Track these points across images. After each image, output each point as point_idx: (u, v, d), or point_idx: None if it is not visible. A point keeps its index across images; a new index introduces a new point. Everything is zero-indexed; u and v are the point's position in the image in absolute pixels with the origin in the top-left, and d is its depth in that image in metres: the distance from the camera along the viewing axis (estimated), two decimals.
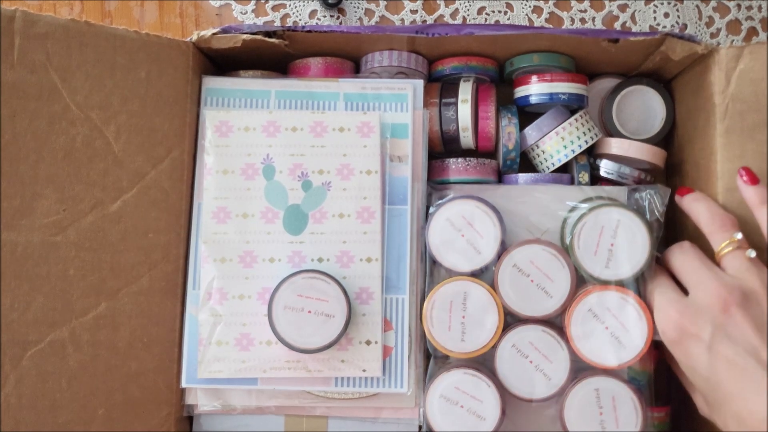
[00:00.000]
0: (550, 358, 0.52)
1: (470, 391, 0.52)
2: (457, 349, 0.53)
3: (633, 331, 0.51)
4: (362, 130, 0.56)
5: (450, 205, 0.54)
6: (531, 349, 0.53)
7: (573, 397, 0.52)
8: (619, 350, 0.51)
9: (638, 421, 0.51)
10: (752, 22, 0.68)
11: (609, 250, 0.52)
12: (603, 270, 0.52)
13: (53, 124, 0.49)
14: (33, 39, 0.49)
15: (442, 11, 0.68)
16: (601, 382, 0.52)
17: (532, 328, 0.53)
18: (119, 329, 0.51)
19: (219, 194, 0.55)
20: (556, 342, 0.52)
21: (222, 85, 0.57)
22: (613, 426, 0.51)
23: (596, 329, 0.52)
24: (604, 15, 0.68)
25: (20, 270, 0.48)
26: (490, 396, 0.52)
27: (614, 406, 0.51)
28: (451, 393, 0.52)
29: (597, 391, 0.52)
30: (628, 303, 0.51)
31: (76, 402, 0.49)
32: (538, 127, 0.60)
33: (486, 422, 0.52)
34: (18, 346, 0.48)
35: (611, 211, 0.53)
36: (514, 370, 0.53)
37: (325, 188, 0.55)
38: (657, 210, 0.55)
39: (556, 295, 0.52)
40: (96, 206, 0.51)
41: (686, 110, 0.59)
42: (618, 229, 0.52)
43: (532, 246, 0.53)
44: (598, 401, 0.52)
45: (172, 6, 0.67)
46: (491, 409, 0.52)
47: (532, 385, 0.52)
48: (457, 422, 0.52)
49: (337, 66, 0.59)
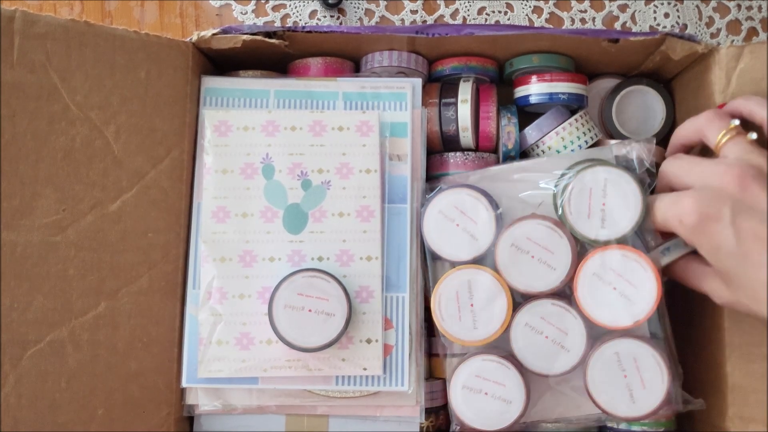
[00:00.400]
0: (565, 330, 0.52)
1: (492, 377, 0.52)
2: (471, 338, 0.52)
3: (641, 287, 0.50)
4: (361, 129, 0.56)
5: (440, 197, 0.54)
6: (544, 324, 0.52)
7: (594, 365, 0.51)
8: (631, 308, 0.50)
9: (664, 377, 0.50)
10: (752, 22, 0.68)
11: (601, 210, 0.51)
12: (600, 231, 0.51)
13: (53, 124, 0.49)
14: (33, 39, 0.49)
15: (442, 11, 0.68)
16: (620, 344, 0.51)
17: (542, 302, 0.52)
18: (119, 329, 0.51)
19: (218, 194, 0.55)
20: (567, 312, 0.52)
21: (221, 85, 0.57)
22: (639, 388, 0.50)
23: (604, 292, 0.50)
24: (604, 15, 0.68)
25: (20, 270, 0.48)
26: (513, 378, 0.51)
27: (637, 367, 0.50)
28: (472, 382, 0.52)
29: (617, 354, 0.50)
30: (630, 259, 0.50)
31: (76, 402, 0.49)
32: (538, 127, 0.60)
33: (513, 405, 0.51)
34: (17, 346, 0.48)
35: (596, 171, 0.51)
36: (530, 348, 0.52)
37: (325, 187, 0.55)
38: (645, 161, 0.54)
39: (558, 266, 0.51)
40: (96, 206, 0.51)
41: (686, 110, 0.59)
42: (606, 187, 0.51)
43: (527, 222, 0.52)
44: (620, 365, 0.50)
45: (172, 6, 0.67)
46: (516, 391, 0.51)
47: (552, 360, 0.51)
48: (484, 410, 0.51)
49: (336, 66, 0.59)
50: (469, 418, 0.52)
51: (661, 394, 0.50)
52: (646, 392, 0.50)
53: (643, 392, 0.50)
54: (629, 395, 0.50)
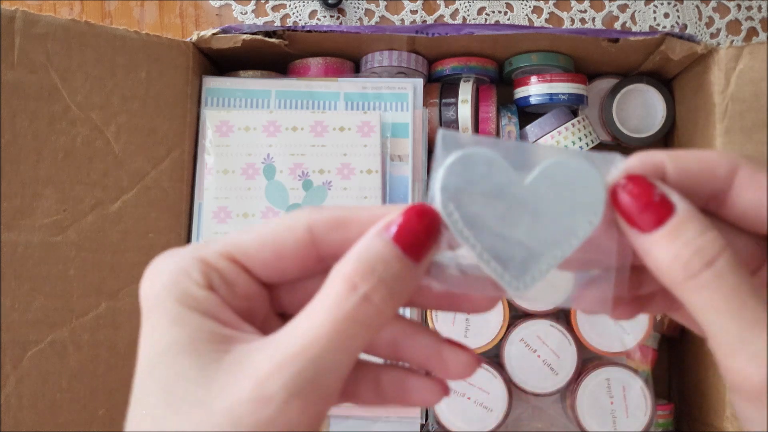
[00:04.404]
0: (558, 354, 0.52)
1: (477, 383, 0.52)
2: None
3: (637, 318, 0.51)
4: (363, 130, 0.56)
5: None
6: (540, 343, 0.53)
7: (585, 387, 0.52)
8: (623, 336, 0.52)
9: (647, 409, 0.52)
10: (752, 22, 0.68)
11: None
12: None
13: (53, 124, 0.49)
14: (33, 39, 0.49)
15: (442, 11, 0.68)
16: (612, 372, 0.52)
17: (541, 322, 0.53)
18: (120, 329, 0.51)
19: (220, 194, 0.55)
20: (564, 337, 0.53)
21: (222, 85, 0.57)
22: (623, 415, 0.52)
23: (600, 317, 0.52)
24: (604, 15, 0.68)
25: (20, 270, 0.48)
26: (498, 387, 0.52)
27: (624, 396, 0.52)
28: (458, 385, 0.52)
29: (608, 380, 0.52)
30: None
31: (77, 402, 0.49)
32: (540, 126, 0.60)
33: (493, 413, 0.52)
34: (18, 347, 0.47)
35: None
36: (521, 364, 0.53)
37: (326, 188, 0.55)
38: None
39: None
40: (96, 206, 0.51)
41: (686, 110, 0.59)
42: None
43: None
44: (609, 391, 0.52)
45: (172, 6, 0.67)
46: (499, 401, 0.52)
47: (541, 380, 0.53)
48: (464, 414, 0.52)
49: (337, 66, 0.59)
50: (448, 420, 0.52)
51: (642, 425, 0.52)
52: (628, 421, 0.52)
53: (626, 420, 0.52)
54: (612, 421, 0.52)
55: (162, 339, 0.22)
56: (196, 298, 0.23)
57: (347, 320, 0.21)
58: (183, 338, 0.22)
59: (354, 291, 0.21)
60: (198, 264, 0.24)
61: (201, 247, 0.24)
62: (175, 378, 0.22)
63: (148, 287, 0.24)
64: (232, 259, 0.24)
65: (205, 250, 0.24)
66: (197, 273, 0.23)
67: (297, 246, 0.23)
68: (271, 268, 0.24)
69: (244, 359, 0.21)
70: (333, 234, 0.23)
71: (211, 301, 0.23)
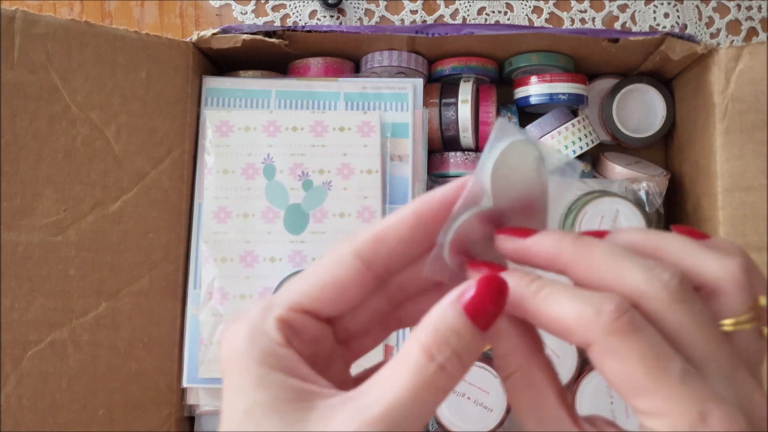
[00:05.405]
0: (558, 354, 0.52)
1: (477, 382, 0.52)
2: None
3: None
4: (362, 130, 0.56)
5: None
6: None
7: (585, 387, 0.52)
8: None
9: None
10: (752, 22, 0.68)
11: None
12: None
13: (53, 124, 0.49)
14: (33, 39, 0.49)
15: (442, 11, 0.68)
16: None
17: None
18: (119, 329, 0.51)
19: (220, 194, 0.55)
20: None
21: (222, 85, 0.57)
22: (623, 415, 0.51)
23: None
24: (604, 15, 0.68)
25: (20, 270, 0.48)
26: (498, 387, 0.52)
27: None
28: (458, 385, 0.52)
29: None
30: None
31: (77, 402, 0.49)
32: (540, 126, 0.60)
33: (493, 413, 0.52)
34: (18, 347, 0.48)
35: (613, 201, 0.53)
36: None
37: (326, 188, 0.55)
38: (656, 201, 0.55)
39: None
40: (96, 206, 0.51)
41: (686, 110, 0.59)
42: (618, 218, 0.52)
43: None
44: (609, 391, 0.52)
45: (172, 6, 0.67)
46: (498, 401, 0.52)
47: None
48: (464, 414, 0.52)
49: (337, 66, 0.59)
50: (448, 420, 0.52)
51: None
52: (628, 421, 0.52)
53: (626, 420, 0.52)
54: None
55: (246, 400, 0.23)
56: (276, 357, 0.24)
57: (426, 386, 0.23)
58: (267, 399, 0.23)
59: (431, 361, 0.23)
60: (275, 322, 0.25)
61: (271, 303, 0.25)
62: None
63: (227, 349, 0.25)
64: (302, 309, 0.25)
65: (277, 306, 0.25)
66: (274, 331, 0.24)
67: (355, 276, 0.25)
68: (337, 305, 0.26)
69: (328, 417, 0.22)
70: (379, 251, 0.25)
71: (290, 358, 0.24)
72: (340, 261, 0.25)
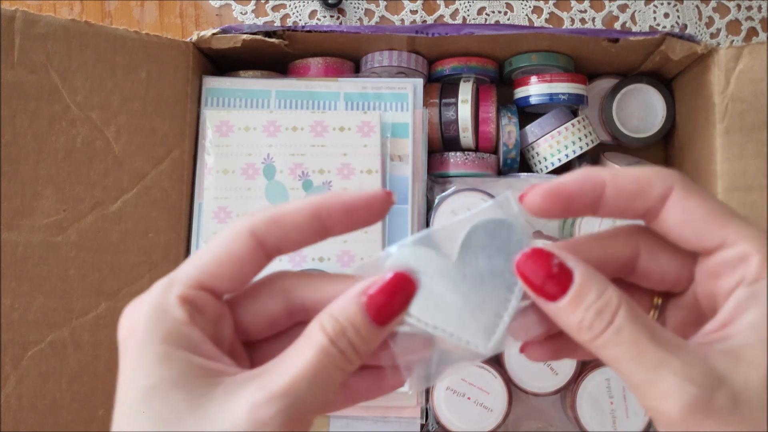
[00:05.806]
0: None
1: (477, 383, 0.52)
2: None
3: None
4: (363, 130, 0.56)
5: (454, 198, 0.55)
6: None
7: (585, 387, 0.52)
8: None
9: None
10: (752, 22, 0.68)
11: None
12: None
13: (53, 124, 0.49)
14: (33, 39, 0.49)
15: (442, 11, 0.68)
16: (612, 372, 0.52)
17: None
18: None
19: (220, 194, 0.55)
20: None
21: (222, 85, 0.57)
22: (623, 415, 0.52)
23: None
24: (604, 15, 0.68)
25: (20, 270, 0.48)
26: (498, 388, 0.52)
27: (624, 396, 0.52)
28: (458, 385, 0.52)
29: (608, 381, 0.52)
30: None
31: (77, 402, 0.49)
32: (540, 126, 0.60)
33: (493, 414, 0.52)
34: (18, 347, 0.48)
35: None
36: (522, 364, 0.53)
37: (326, 188, 0.55)
38: None
39: None
40: (96, 206, 0.51)
41: (686, 110, 0.59)
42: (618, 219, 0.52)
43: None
44: (609, 391, 0.52)
45: (172, 6, 0.67)
46: (499, 401, 0.52)
47: (539, 380, 0.53)
48: (463, 414, 0.52)
49: (337, 66, 0.59)
50: (448, 420, 0.52)
51: (642, 425, 0.52)
52: (628, 421, 0.52)
53: (626, 420, 0.52)
54: (612, 421, 0.52)
55: (149, 377, 0.23)
56: (180, 335, 0.24)
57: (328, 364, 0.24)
58: (173, 375, 0.23)
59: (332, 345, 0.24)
60: (177, 300, 0.25)
61: (171, 282, 0.25)
62: (169, 411, 0.23)
63: (127, 329, 0.25)
64: (201, 285, 0.25)
65: (178, 284, 0.25)
66: (178, 309, 0.25)
67: (248, 250, 0.26)
68: (233, 280, 0.26)
69: (236, 390, 0.23)
70: (273, 232, 0.26)
71: (195, 337, 0.24)
72: (236, 237, 0.26)
